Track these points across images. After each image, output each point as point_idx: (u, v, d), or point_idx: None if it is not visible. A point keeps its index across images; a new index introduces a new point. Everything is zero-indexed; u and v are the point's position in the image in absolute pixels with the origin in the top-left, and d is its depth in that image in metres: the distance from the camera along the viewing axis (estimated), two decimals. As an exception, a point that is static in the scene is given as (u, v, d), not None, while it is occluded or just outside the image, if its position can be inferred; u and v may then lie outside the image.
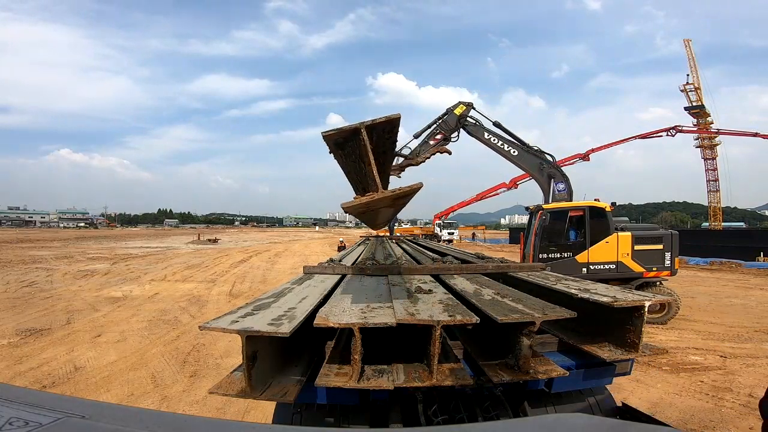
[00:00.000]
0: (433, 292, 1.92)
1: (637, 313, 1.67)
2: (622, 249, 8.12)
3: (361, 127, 1.55)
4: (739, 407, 4.07)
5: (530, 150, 11.27)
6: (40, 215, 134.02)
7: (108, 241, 35.20)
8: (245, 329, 1.35)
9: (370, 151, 1.59)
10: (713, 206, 47.28)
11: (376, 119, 1.57)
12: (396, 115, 1.63)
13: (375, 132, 1.69)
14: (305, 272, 3.04)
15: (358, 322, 1.45)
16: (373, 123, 1.57)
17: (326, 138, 1.68)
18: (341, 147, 1.77)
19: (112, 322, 7.29)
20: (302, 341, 1.71)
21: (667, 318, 7.60)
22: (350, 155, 1.79)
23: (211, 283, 11.98)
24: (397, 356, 1.74)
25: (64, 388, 4.46)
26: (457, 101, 11.58)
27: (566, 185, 10.83)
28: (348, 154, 1.82)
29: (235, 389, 1.43)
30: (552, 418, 0.65)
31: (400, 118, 1.70)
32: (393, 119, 1.63)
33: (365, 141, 1.57)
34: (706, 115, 43.34)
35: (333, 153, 1.87)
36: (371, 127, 1.59)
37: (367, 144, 1.58)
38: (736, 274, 15.98)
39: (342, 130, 1.65)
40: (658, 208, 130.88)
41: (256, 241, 37.57)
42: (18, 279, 12.11)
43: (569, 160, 17.03)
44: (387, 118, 1.59)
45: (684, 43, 46.77)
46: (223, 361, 5.24)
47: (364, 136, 1.56)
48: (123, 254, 21.63)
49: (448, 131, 11.40)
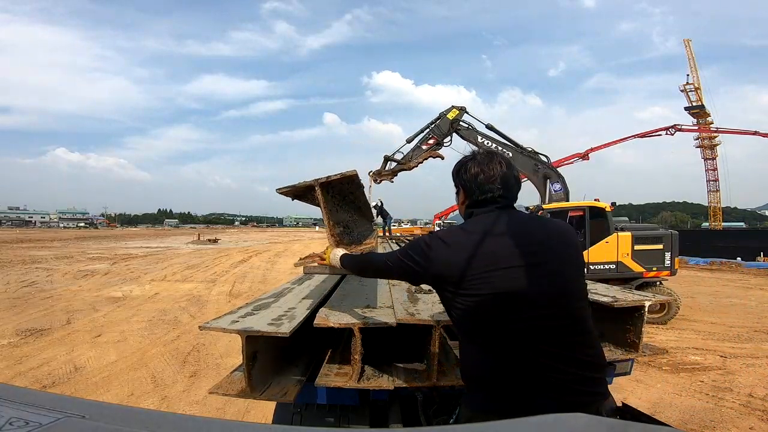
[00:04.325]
0: (434, 292, 1.92)
1: (637, 313, 1.68)
2: (622, 249, 8.12)
3: (316, 185, 1.57)
4: (739, 407, 4.07)
5: (524, 152, 11.25)
6: (40, 215, 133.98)
7: (108, 241, 35.21)
8: (245, 329, 1.35)
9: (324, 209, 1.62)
10: (713, 206, 47.29)
11: (331, 176, 1.60)
12: (352, 172, 1.67)
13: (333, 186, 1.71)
14: (305, 272, 3.04)
15: (358, 322, 1.45)
16: (328, 180, 1.60)
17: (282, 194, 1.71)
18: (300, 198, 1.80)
19: (112, 322, 7.29)
20: (302, 341, 1.71)
21: (667, 318, 7.60)
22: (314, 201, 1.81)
23: (211, 283, 11.98)
24: (397, 356, 1.74)
25: (64, 388, 4.46)
26: (450, 105, 11.55)
27: (562, 185, 10.83)
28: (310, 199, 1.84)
29: (235, 389, 1.44)
30: (552, 418, 0.65)
31: (356, 175, 1.75)
32: (348, 176, 1.66)
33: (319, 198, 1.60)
34: (706, 115, 43.32)
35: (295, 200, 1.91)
36: (326, 184, 1.61)
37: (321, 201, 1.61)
38: (736, 274, 15.98)
39: (296, 188, 1.70)
40: (658, 208, 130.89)
41: (256, 241, 37.58)
42: (18, 279, 12.12)
43: (568, 160, 17.05)
44: (342, 175, 1.63)
45: (684, 43, 46.76)
46: (223, 361, 5.24)
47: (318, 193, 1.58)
48: (123, 254, 21.63)
49: (440, 136, 11.36)
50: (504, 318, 1.10)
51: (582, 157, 17.43)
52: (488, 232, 1.16)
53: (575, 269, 1.21)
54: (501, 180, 1.23)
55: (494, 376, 1.11)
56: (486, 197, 1.23)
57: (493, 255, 1.12)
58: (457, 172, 1.32)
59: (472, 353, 1.18)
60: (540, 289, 1.10)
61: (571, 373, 1.07)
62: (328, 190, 1.66)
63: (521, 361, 1.09)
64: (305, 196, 1.79)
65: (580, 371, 1.09)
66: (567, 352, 1.09)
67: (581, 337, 1.13)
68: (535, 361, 1.08)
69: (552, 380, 1.07)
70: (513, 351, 1.09)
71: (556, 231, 1.23)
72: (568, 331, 1.11)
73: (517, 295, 1.09)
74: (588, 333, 1.15)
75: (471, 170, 1.26)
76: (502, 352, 1.11)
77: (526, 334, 1.09)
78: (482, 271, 1.11)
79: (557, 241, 1.19)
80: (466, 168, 1.27)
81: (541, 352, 1.08)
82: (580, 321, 1.14)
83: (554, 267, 1.14)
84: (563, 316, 1.11)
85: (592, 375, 1.11)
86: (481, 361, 1.15)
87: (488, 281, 1.10)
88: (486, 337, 1.13)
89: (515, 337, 1.09)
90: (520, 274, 1.10)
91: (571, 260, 1.20)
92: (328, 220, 1.64)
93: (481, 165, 1.25)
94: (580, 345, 1.12)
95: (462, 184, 1.30)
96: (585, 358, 1.11)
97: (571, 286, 1.16)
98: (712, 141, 45.45)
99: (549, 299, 1.10)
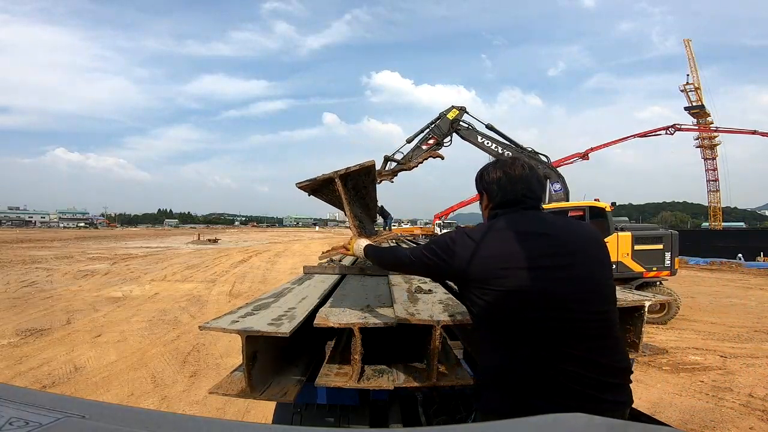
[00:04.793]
0: (434, 292, 1.92)
1: (637, 313, 1.68)
2: (622, 249, 8.12)
3: (335, 177, 1.56)
4: (739, 407, 4.07)
5: (524, 152, 11.25)
6: (40, 215, 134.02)
7: (108, 241, 35.20)
8: (245, 329, 1.35)
9: (345, 200, 1.61)
10: (713, 206, 47.31)
11: (350, 167, 1.60)
12: (370, 162, 1.68)
13: (350, 178, 1.70)
14: (305, 272, 3.04)
15: (358, 322, 1.45)
16: (347, 172, 1.59)
17: (301, 188, 1.69)
18: (317, 192, 1.79)
19: (112, 322, 7.29)
20: (302, 341, 1.71)
21: (667, 318, 7.60)
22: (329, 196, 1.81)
23: (211, 283, 11.98)
24: (397, 356, 1.74)
25: (64, 388, 4.46)
26: (450, 105, 11.55)
27: (562, 185, 10.83)
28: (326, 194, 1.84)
29: (235, 389, 1.44)
30: (552, 418, 0.65)
31: (374, 165, 1.76)
32: (367, 166, 1.68)
33: (339, 190, 1.59)
34: (706, 114, 43.31)
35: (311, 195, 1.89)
36: (345, 176, 1.60)
37: (342, 193, 1.60)
38: (736, 274, 15.98)
39: (315, 181, 1.69)
40: (658, 208, 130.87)
41: (256, 241, 37.57)
42: (18, 279, 12.11)
43: (568, 160, 17.04)
44: (360, 165, 1.63)
45: (684, 43, 46.77)
46: (223, 361, 5.24)
47: (339, 185, 1.58)
48: (123, 254, 21.63)
49: (440, 136, 11.35)
50: (525, 317, 1.08)
51: (582, 157, 17.41)
52: (514, 229, 1.15)
53: (604, 271, 1.18)
54: (523, 182, 1.23)
55: (512, 376, 1.09)
56: (509, 198, 1.23)
57: (517, 253, 1.10)
58: (480, 177, 1.32)
59: (489, 352, 1.16)
60: (565, 290, 1.08)
61: (593, 379, 1.05)
62: (346, 182, 1.65)
63: (541, 363, 1.06)
64: (322, 191, 1.78)
65: (603, 377, 1.06)
66: (591, 355, 1.06)
67: (607, 341, 1.11)
68: (556, 364, 1.05)
69: (573, 386, 1.04)
70: (533, 352, 1.07)
71: (585, 232, 1.22)
72: (594, 334, 1.08)
73: (541, 293, 1.07)
74: (614, 338, 1.13)
75: (493, 174, 1.27)
76: (522, 352, 1.08)
77: (548, 335, 1.06)
78: (505, 267, 1.09)
79: (585, 243, 1.18)
80: (488, 172, 1.28)
81: (563, 354, 1.05)
82: (606, 325, 1.12)
83: (582, 268, 1.12)
84: (589, 318, 1.09)
85: (615, 381, 1.09)
86: (499, 360, 1.13)
87: (511, 278, 1.08)
88: (506, 336, 1.11)
89: (536, 336, 1.07)
90: (544, 273, 1.09)
91: (599, 262, 1.18)
92: (350, 210, 1.63)
93: (503, 168, 1.26)
94: (604, 349, 1.09)
95: (485, 188, 1.30)
96: (610, 363, 1.08)
97: (599, 288, 1.14)
98: (712, 141, 45.46)
99: (575, 300, 1.08)
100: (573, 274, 1.10)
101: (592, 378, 1.05)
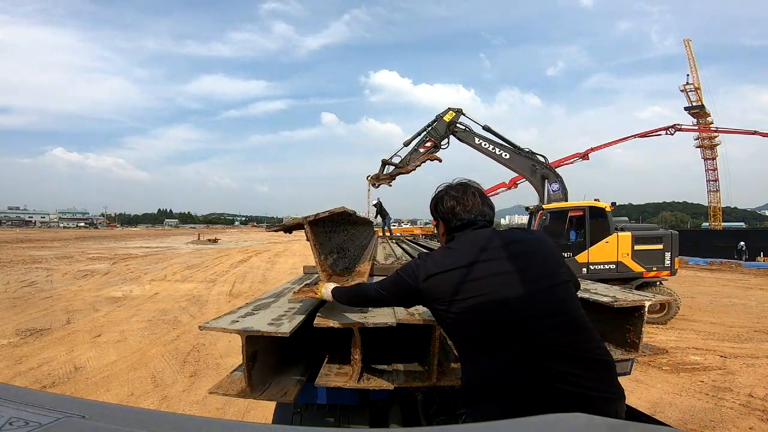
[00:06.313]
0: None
1: (637, 313, 1.68)
2: (622, 249, 8.12)
3: (304, 223, 1.65)
4: (739, 407, 4.07)
5: (522, 152, 11.20)
6: (40, 215, 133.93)
7: (108, 241, 35.20)
8: (245, 329, 1.35)
9: (313, 246, 1.71)
10: (713, 206, 47.30)
11: (319, 213, 1.69)
12: (339, 209, 1.79)
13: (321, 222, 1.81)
14: (305, 272, 3.04)
15: (358, 322, 1.45)
16: (316, 218, 1.68)
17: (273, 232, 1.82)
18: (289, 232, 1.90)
19: (112, 321, 7.29)
20: (302, 341, 1.71)
21: (667, 318, 7.60)
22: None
23: (211, 283, 11.98)
24: (397, 356, 1.74)
25: (64, 388, 4.46)
26: (446, 107, 11.49)
27: (560, 185, 10.80)
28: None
29: (235, 389, 1.44)
30: (552, 418, 0.65)
31: (344, 211, 1.87)
32: (336, 212, 1.77)
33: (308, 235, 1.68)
34: (706, 114, 43.30)
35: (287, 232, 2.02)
36: (314, 222, 1.69)
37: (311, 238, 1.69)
38: (736, 274, 15.98)
39: (284, 226, 1.84)
40: (658, 208, 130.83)
41: (256, 241, 37.57)
42: (18, 279, 12.11)
43: (568, 160, 17.02)
44: (330, 212, 1.72)
45: (684, 43, 46.76)
46: (223, 361, 5.23)
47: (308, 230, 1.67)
48: (123, 254, 21.62)
49: (437, 138, 11.28)
50: (490, 324, 1.13)
51: (582, 157, 17.37)
52: (468, 247, 1.24)
53: (557, 270, 1.25)
54: (476, 209, 1.33)
55: (492, 387, 1.12)
56: (463, 222, 1.33)
57: (472, 266, 1.18)
58: (435, 207, 1.41)
59: (469, 363, 1.20)
60: (522, 293, 1.14)
61: (578, 375, 1.07)
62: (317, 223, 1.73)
63: (517, 366, 1.09)
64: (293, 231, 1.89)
65: (588, 372, 1.09)
66: (571, 350, 1.10)
67: (580, 335, 1.15)
68: (534, 364, 1.08)
69: (555, 384, 1.06)
70: (507, 357, 1.10)
71: (533, 238, 1.33)
72: (562, 330, 1.13)
73: (502, 301, 1.14)
74: (586, 331, 1.17)
75: (448, 204, 1.36)
76: (496, 360, 1.12)
77: (518, 338, 1.10)
78: (463, 282, 1.17)
79: (535, 247, 1.27)
80: (443, 202, 1.37)
81: (537, 354, 1.08)
82: (572, 319, 1.16)
83: (534, 270, 1.20)
84: (552, 316, 1.14)
85: (598, 375, 1.11)
86: (479, 370, 1.16)
87: (471, 291, 1.15)
88: (479, 345, 1.15)
89: (507, 342, 1.11)
90: (506, 281, 1.16)
91: (551, 262, 1.26)
92: (318, 254, 1.71)
93: (456, 198, 1.35)
94: (579, 342, 1.12)
95: (441, 217, 1.38)
96: (590, 355, 1.11)
97: (554, 286, 1.21)
98: (712, 141, 45.44)
99: (533, 301, 1.14)
100: (526, 278, 1.17)
101: (574, 373, 1.07)
